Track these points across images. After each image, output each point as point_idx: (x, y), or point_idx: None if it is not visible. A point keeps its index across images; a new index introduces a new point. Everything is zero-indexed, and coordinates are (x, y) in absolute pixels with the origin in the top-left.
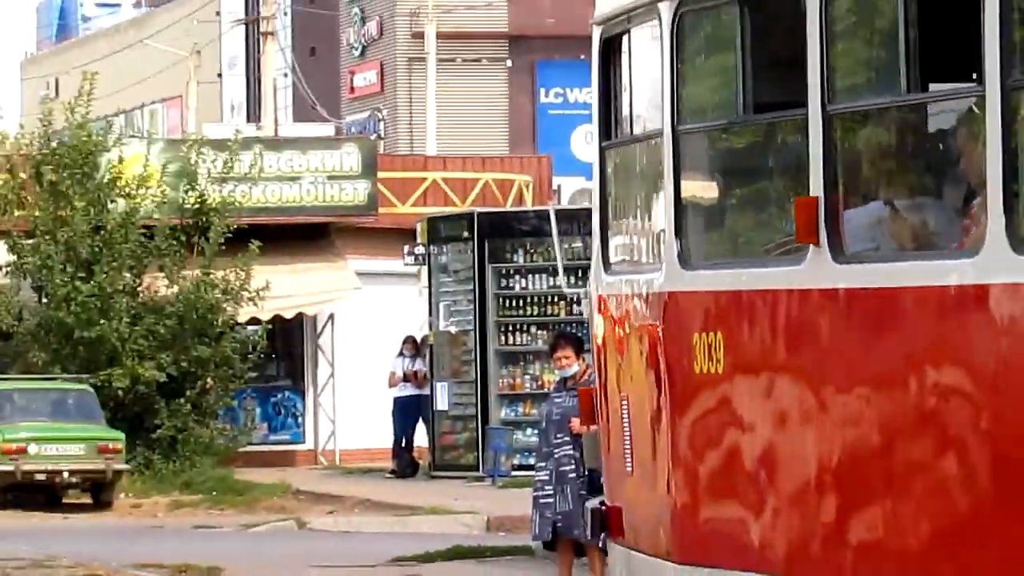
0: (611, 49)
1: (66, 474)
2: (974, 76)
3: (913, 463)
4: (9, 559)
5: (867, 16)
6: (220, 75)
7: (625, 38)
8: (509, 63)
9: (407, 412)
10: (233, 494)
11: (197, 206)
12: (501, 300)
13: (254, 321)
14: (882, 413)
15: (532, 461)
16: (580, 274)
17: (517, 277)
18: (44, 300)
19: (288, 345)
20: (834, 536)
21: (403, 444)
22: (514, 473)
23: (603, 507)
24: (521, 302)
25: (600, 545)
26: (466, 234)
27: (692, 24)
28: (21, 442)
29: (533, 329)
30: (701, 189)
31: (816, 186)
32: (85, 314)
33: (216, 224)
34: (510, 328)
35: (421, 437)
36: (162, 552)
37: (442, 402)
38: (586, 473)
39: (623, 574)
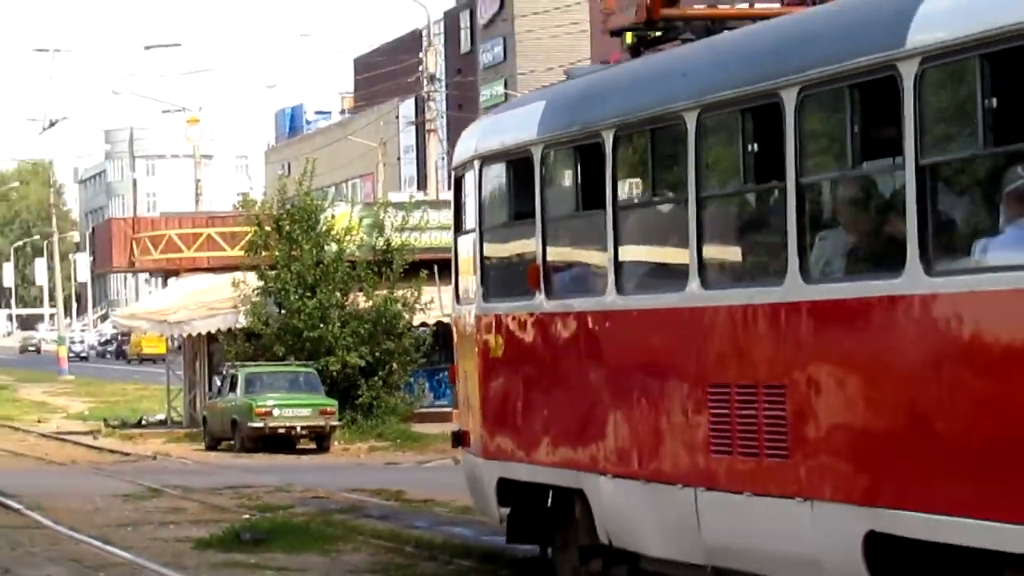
0: (459, 181)
1: (298, 428)
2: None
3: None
4: (261, 486)
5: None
6: (399, 158)
7: (466, 175)
8: None
9: None
10: (411, 441)
11: (384, 248)
12: None
13: (424, 325)
14: (567, 371)
15: None
16: None
17: None
18: (282, 312)
19: (446, 340)
20: (561, 436)
21: None
22: None
23: (460, 431)
24: None
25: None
26: None
27: (490, 172)
28: (268, 407)
29: None
30: (493, 261)
31: (539, 260)
32: (310, 321)
33: (397, 260)
34: None
35: None
36: (363, 481)
37: None
38: None
39: (464, 467)
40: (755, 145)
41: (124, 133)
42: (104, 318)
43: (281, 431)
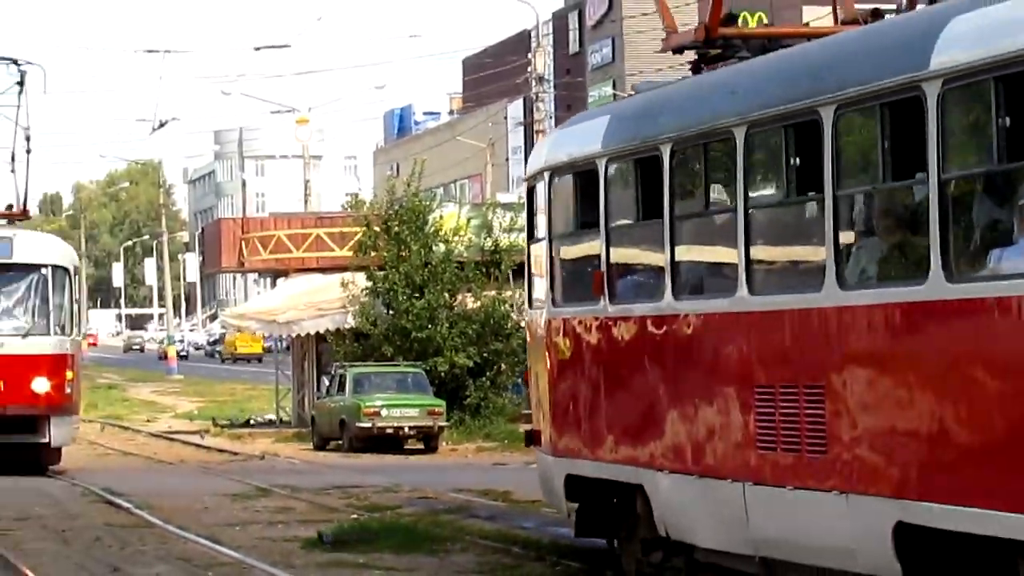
0: (531, 192)
1: (406, 429)
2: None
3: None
4: (369, 486)
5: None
6: (507, 159)
7: (537, 186)
8: None
9: None
10: (518, 442)
11: (493, 248)
12: None
13: None
14: (628, 373)
15: None
16: None
17: None
18: (391, 312)
19: None
20: (624, 435)
21: None
22: None
23: (532, 430)
24: None
25: None
26: None
27: (559, 183)
28: (376, 407)
29: None
30: (561, 267)
31: (603, 267)
32: (418, 321)
33: (505, 260)
34: None
35: None
36: (471, 481)
37: None
38: None
39: (537, 464)
40: (797, 159)
41: (233, 134)
42: (213, 318)
43: (389, 431)
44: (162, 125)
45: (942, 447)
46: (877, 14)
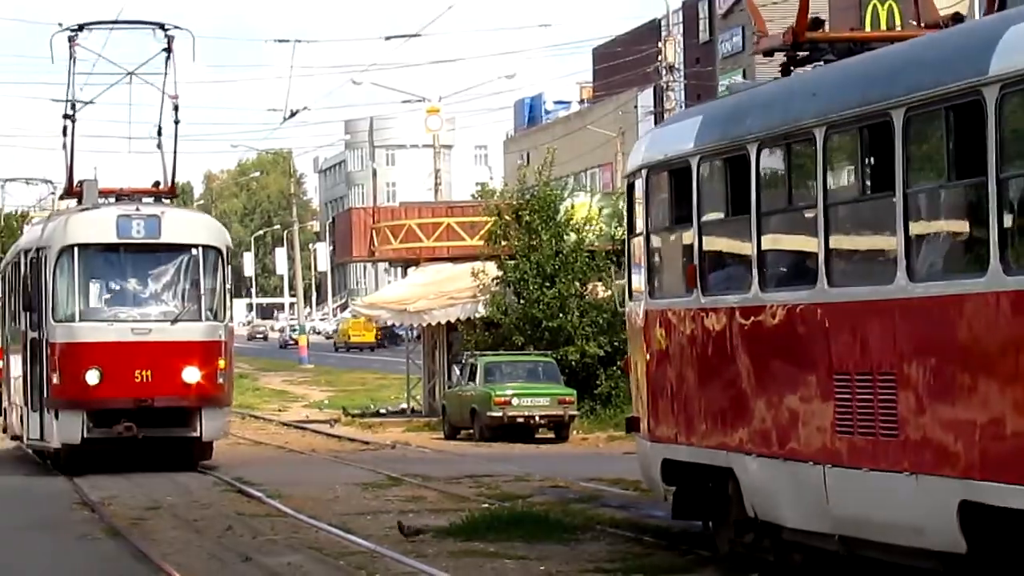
0: (631, 188)
1: (537, 418)
2: None
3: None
4: (500, 474)
5: None
6: None
7: (636, 182)
8: None
9: None
10: None
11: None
12: None
13: None
14: (719, 362)
15: None
16: None
17: None
18: (521, 302)
19: None
20: (715, 421)
21: None
22: None
23: (632, 417)
24: None
25: None
26: None
27: (656, 180)
28: (507, 396)
29: None
30: (658, 260)
31: (696, 261)
32: (549, 310)
33: None
34: None
35: None
36: (602, 470)
37: None
38: None
39: (637, 449)
40: (872, 158)
41: (364, 123)
42: (344, 307)
43: (520, 420)
44: (293, 115)
45: (1001, 430)
46: (957, 18)
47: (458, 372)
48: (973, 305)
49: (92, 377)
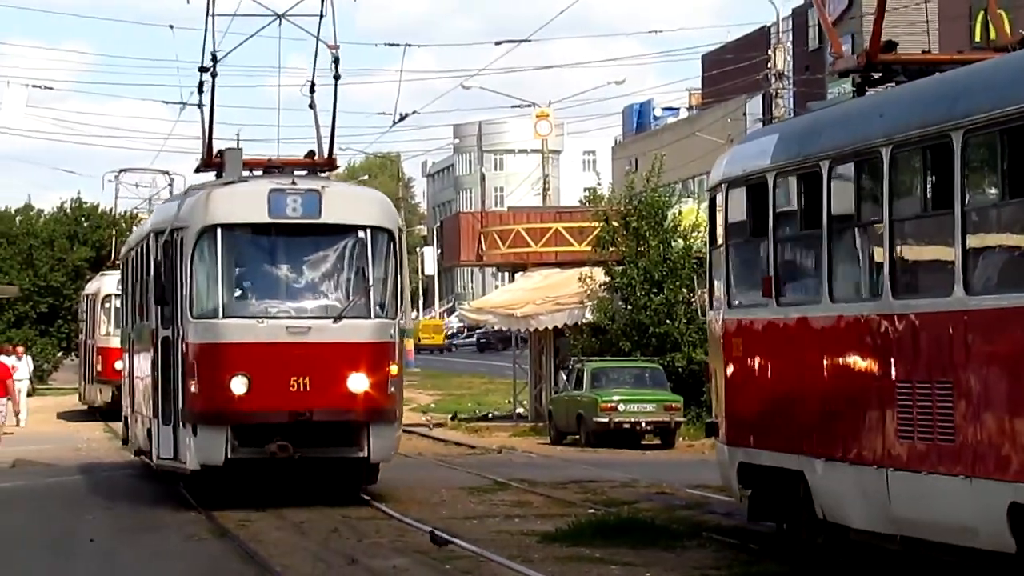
0: (712, 202)
1: (643, 424)
2: None
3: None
4: (606, 480)
5: None
6: None
7: (716, 196)
8: None
9: None
10: None
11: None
12: None
13: None
14: (791, 370)
15: None
16: None
17: None
18: (629, 307)
19: None
20: (787, 426)
21: None
22: None
23: (712, 422)
24: None
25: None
26: None
27: (735, 194)
28: (614, 402)
29: None
30: (736, 272)
31: (771, 272)
32: (656, 316)
33: None
34: None
35: None
36: (708, 477)
37: None
38: None
39: (716, 453)
40: (933, 177)
41: (473, 128)
42: (451, 311)
43: (626, 426)
44: (402, 119)
45: None
46: (1023, 41)
47: (565, 377)
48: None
49: (238, 385)
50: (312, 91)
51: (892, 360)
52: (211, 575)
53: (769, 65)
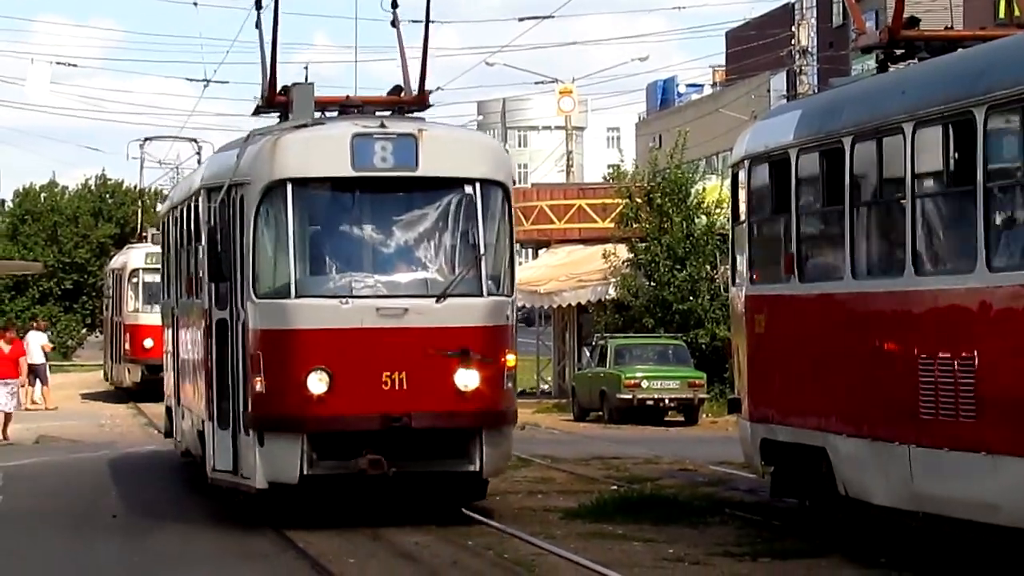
0: (735, 179)
1: (667, 400)
2: None
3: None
4: (628, 457)
5: None
6: None
7: (739, 173)
8: None
9: None
10: None
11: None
12: None
13: None
14: (813, 346)
15: None
16: None
17: None
18: (652, 284)
19: None
20: (809, 402)
21: None
22: None
23: (734, 398)
24: None
25: None
26: None
27: (757, 171)
28: (637, 379)
29: None
30: (758, 248)
31: (793, 248)
32: (680, 293)
33: None
34: None
35: None
36: (731, 454)
37: None
38: None
39: (739, 430)
40: (956, 153)
41: (497, 104)
42: None
43: (649, 403)
44: None
45: None
46: None
47: (588, 354)
48: None
49: (316, 383)
50: (395, 4)
51: (914, 337)
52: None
53: (793, 42)
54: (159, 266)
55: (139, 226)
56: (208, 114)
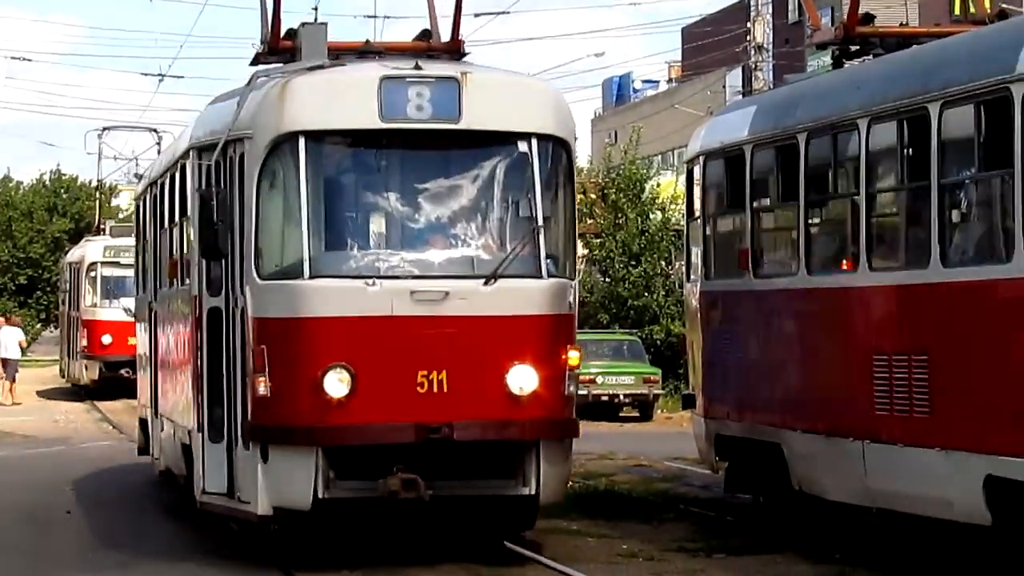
0: (690, 174)
1: (621, 396)
2: None
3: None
4: (583, 453)
5: None
6: None
7: (694, 168)
8: None
9: None
10: None
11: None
12: None
13: None
14: (767, 342)
15: None
16: None
17: None
18: (607, 280)
19: None
20: (763, 398)
21: None
22: None
23: (689, 394)
24: None
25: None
26: None
27: (712, 166)
28: (592, 375)
29: None
30: (713, 244)
31: (747, 244)
32: (635, 289)
33: None
34: None
35: None
36: (686, 449)
37: None
38: None
39: (693, 425)
40: (910, 149)
41: None
42: None
43: (604, 399)
44: None
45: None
46: (1003, 15)
47: None
48: (998, 289)
49: (336, 385)
50: None
51: (869, 332)
52: None
53: (748, 38)
54: (119, 260)
55: (97, 219)
56: (164, 109)
